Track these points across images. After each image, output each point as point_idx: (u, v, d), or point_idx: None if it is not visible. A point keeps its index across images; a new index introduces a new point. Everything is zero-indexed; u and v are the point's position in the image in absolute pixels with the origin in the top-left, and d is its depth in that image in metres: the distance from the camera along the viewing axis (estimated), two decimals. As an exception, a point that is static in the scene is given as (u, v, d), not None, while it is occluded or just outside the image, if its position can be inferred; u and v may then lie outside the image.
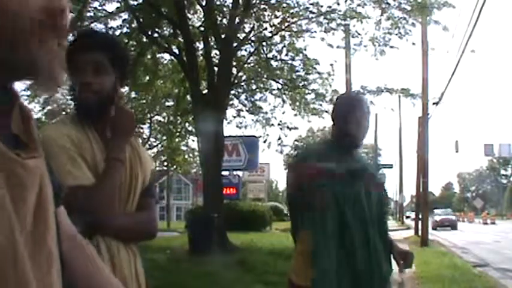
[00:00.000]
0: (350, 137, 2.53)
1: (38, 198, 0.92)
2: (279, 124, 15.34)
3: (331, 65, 15.70)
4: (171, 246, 12.61)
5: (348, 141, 2.53)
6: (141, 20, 12.30)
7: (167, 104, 18.39)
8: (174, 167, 28.70)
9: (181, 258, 10.91)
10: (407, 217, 53.40)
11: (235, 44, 12.73)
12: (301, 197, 2.40)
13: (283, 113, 17.35)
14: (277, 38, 13.96)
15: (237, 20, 12.25)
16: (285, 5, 13.12)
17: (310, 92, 14.76)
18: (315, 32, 13.53)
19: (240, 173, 24.14)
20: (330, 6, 12.95)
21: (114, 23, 14.55)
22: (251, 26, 13.40)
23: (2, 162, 0.84)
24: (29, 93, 11.48)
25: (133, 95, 16.69)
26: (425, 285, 9.25)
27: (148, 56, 13.90)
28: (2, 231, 0.84)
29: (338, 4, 12.88)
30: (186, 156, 25.38)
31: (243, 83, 14.78)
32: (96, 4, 12.87)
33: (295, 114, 15.29)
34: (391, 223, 50.60)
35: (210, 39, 12.95)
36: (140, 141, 2.02)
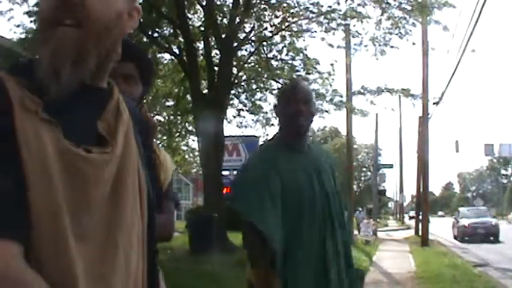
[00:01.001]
0: (298, 133, 2.34)
1: (111, 193, 0.98)
2: (279, 124, 15.33)
3: (332, 64, 15.67)
4: (171, 246, 12.60)
5: (296, 137, 2.34)
6: (141, 20, 12.27)
7: (167, 103, 18.39)
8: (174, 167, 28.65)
9: (182, 258, 10.90)
10: (412, 217, 52.28)
11: (235, 44, 12.72)
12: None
13: (283, 113, 17.22)
14: (277, 38, 13.95)
15: (237, 19, 12.24)
16: (285, 4, 13.10)
17: (310, 92, 14.76)
18: (315, 31, 13.51)
19: (240, 173, 24.09)
20: (330, 6, 12.94)
21: (114, 23, 14.50)
22: (251, 25, 13.39)
23: (62, 155, 0.92)
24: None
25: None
26: (425, 285, 9.25)
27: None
28: (46, 212, 0.90)
29: (338, 4, 12.87)
30: (187, 156, 25.36)
31: (243, 83, 14.77)
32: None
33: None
34: (392, 223, 50.59)
35: (210, 39, 12.94)
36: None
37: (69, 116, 0.96)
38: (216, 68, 12.69)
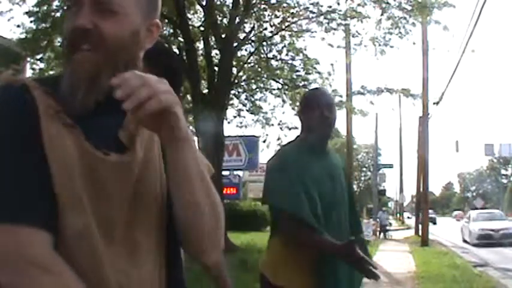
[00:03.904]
0: (324, 141, 2.46)
1: (133, 195, 1.04)
2: (278, 124, 15.35)
3: (332, 64, 15.73)
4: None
5: (322, 144, 2.45)
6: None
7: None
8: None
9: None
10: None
11: (235, 44, 12.72)
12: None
13: (283, 112, 17.49)
14: (277, 38, 13.96)
15: (237, 20, 12.24)
16: (285, 4, 13.11)
17: (310, 91, 14.78)
18: (315, 31, 13.53)
19: (240, 172, 24.15)
20: (330, 6, 12.96)
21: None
22: (251, 25, 13.40)
23: (83, 156, 1.00)
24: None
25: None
26: (425, 285, 9.25)
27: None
28: (78, 218, 0.98)
29: (338, 4, 12.88)
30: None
31: (243, 83, 14.77)
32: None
33: (295, 114, 15.29)
34: (391, 223, 50.59)
35: (210, 39, 12.94)
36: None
37: (90, 123, 1.03)
38: (216, 68, 12.69)
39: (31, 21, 11.65)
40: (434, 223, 45.40)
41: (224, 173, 16.43)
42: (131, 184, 1.04)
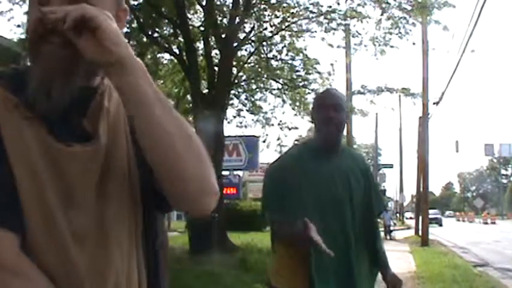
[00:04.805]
0: (330, 142, 2.40)
1: (99, 188, 1.00)
2: (279, 124, 15.35)
3: (332, 64, 15.68)
4: (171, 246, 12.60)
5: (329, 145, 2.39)
6: (141, 20, 12.29)
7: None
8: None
9: (182, 257, 10.91)
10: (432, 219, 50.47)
11: (235, 44, 12.71)
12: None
13: (283, 113, 17.48)
14: (277, 38, 13.94)
15: (237, 19, 12.23)
16: (285, 4, 13.10)
17: (310, 92, 14.76)
18: (315, 31, 13.52)
19: (240, 172, 24.16)
20: (330, 6, 12.94)
21: (114, 23, 14.50)
22: (251, 25, 13.38)
23: (46, 152, 0.96)
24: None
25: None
26: (425, 285, 9.25)
27: (149, 56, 13.88)
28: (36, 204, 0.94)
29: (338, 4, 12.87)
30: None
31: (243, 83, 14.76)
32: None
33: (295, 114, 15.29)
34: (395, 223, 50.55)
35: (210, 39, 12.93)
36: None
37: (55, 116, 0.98)
38: (216, 68, 12.69)
39: (31, 21, 11.65)
40: (440, 225, 43.20)
41: (224, 173, 16.41)
42: (97, 173, 0.99)
